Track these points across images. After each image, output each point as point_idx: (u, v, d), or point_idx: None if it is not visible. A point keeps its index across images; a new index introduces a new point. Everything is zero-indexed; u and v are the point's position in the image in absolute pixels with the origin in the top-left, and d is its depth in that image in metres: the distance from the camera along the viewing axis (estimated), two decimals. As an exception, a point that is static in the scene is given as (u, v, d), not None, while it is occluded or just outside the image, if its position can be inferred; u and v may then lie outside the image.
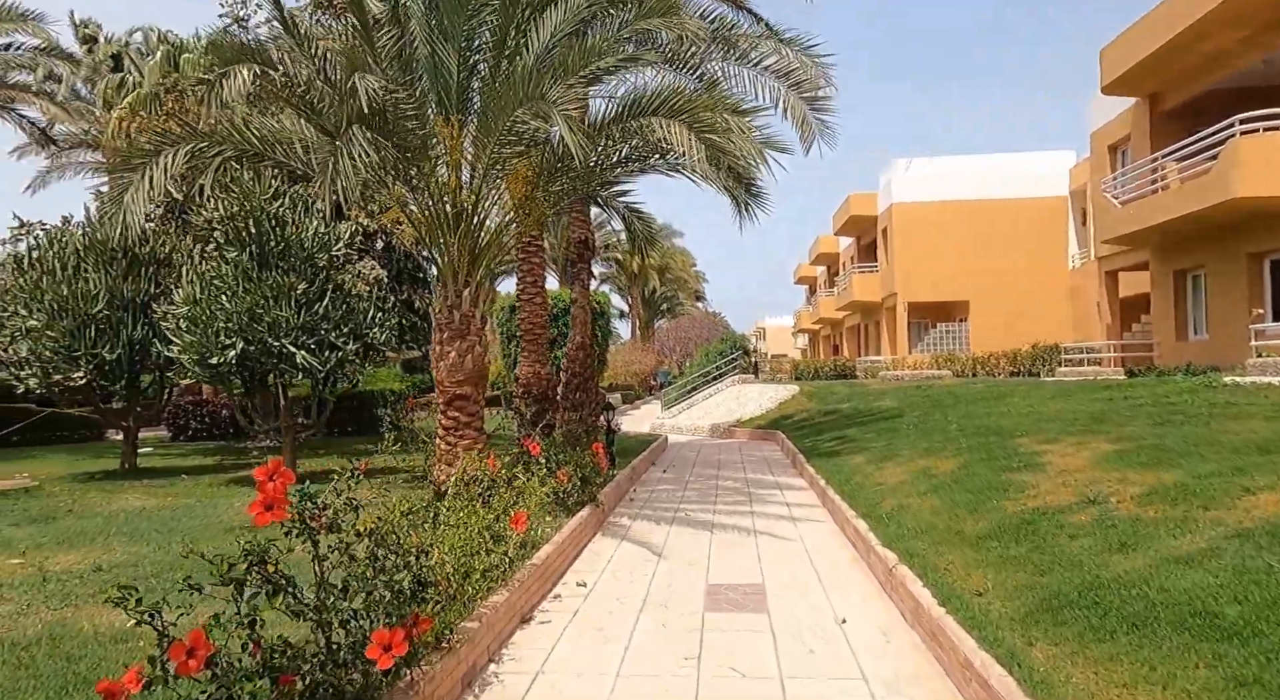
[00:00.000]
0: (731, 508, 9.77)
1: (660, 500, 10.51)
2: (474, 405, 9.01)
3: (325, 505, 3.71)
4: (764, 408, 22.23)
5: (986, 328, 28.56)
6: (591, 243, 14.79)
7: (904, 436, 12.87)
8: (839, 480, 9.92)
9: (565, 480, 8.30)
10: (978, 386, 19.67)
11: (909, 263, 29.55)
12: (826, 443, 14.45)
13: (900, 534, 6.53)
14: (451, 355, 8.83)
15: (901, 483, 8.82)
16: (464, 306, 8.87)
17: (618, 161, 9.32)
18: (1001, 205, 28.88)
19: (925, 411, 16.24)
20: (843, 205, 34.54)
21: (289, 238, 11.35)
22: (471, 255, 8.84)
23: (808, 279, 53.86)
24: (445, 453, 8.98)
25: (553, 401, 12.46)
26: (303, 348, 11.05)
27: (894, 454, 11.00)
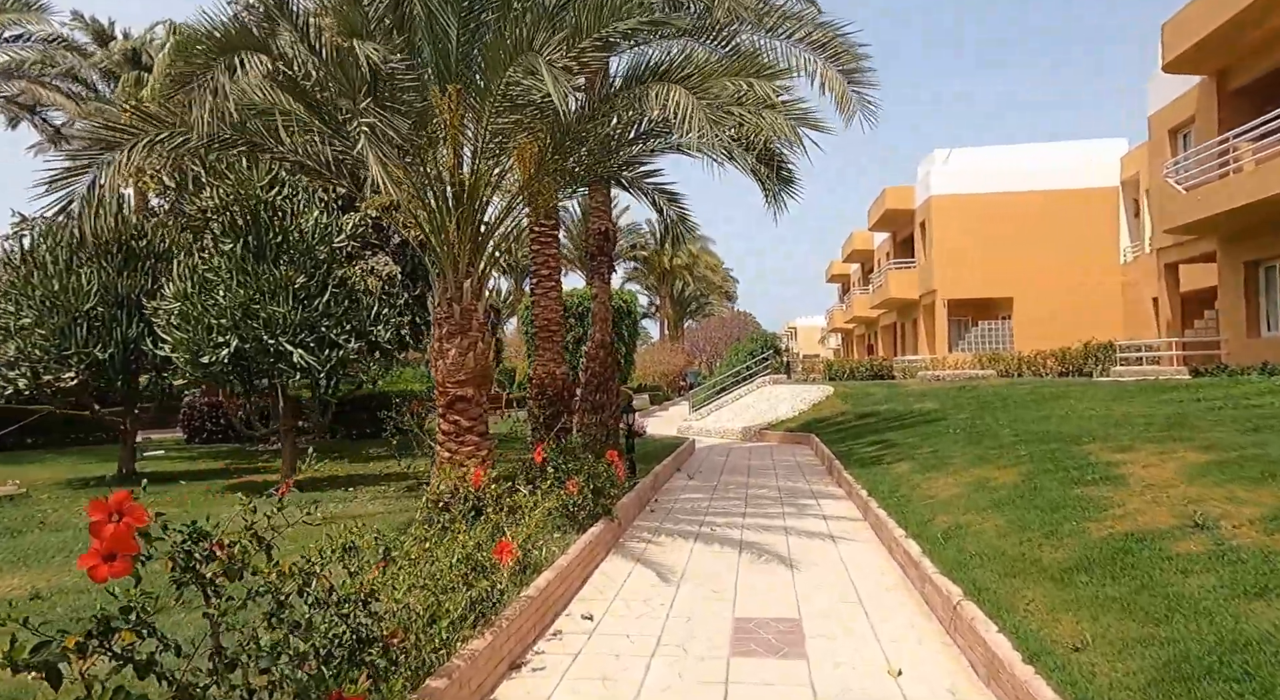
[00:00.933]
0: (762, 521, 8.82)
1: (684, 511, 9.60)
2: (476, 408, 8.18)
3: (228, 542, 2.85)
4: (797, 409, 21.19)
5: (1031, 326, 27.16)
6: (612, 234, 13.93)
7: (951, 442, 11.80)
8: (882, 491, 8.92)
9: (575, 492, 7.43)
10: (1026, 387, 18.45)
11: (948, 258, 28.24)
12: (865, 448, 13.41)
13: (962, 560, 5.55)
14: (451, 353, 8.01)
15: (955, 496, 7.80)
16: (465, 299, 8.04)
17: (635, 137, 8.42)
18: (1047, 197, 27.46)
19: (972, 414, 15.11)
20: (878, 199, 33.29)
21: (287, 229, 10.64)
22: (473, 242, 8.01)
23: (840, 277, 52.47)
24: (446, 461, 8.15)
25: (569, 403, 11.61)
26: (301, 346, 10.33)
27: (943, 462, 9.96)
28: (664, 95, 6.43)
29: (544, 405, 11.38)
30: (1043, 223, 27.35)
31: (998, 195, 27.83)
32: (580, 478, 7.56)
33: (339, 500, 9.99)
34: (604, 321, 13.84)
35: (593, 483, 7.62)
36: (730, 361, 29.08)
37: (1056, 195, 27.38)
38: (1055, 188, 27.44)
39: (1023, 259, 27.46)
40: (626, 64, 8.05)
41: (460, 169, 7.53)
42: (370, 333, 11.20)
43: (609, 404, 13.61)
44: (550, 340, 11.59)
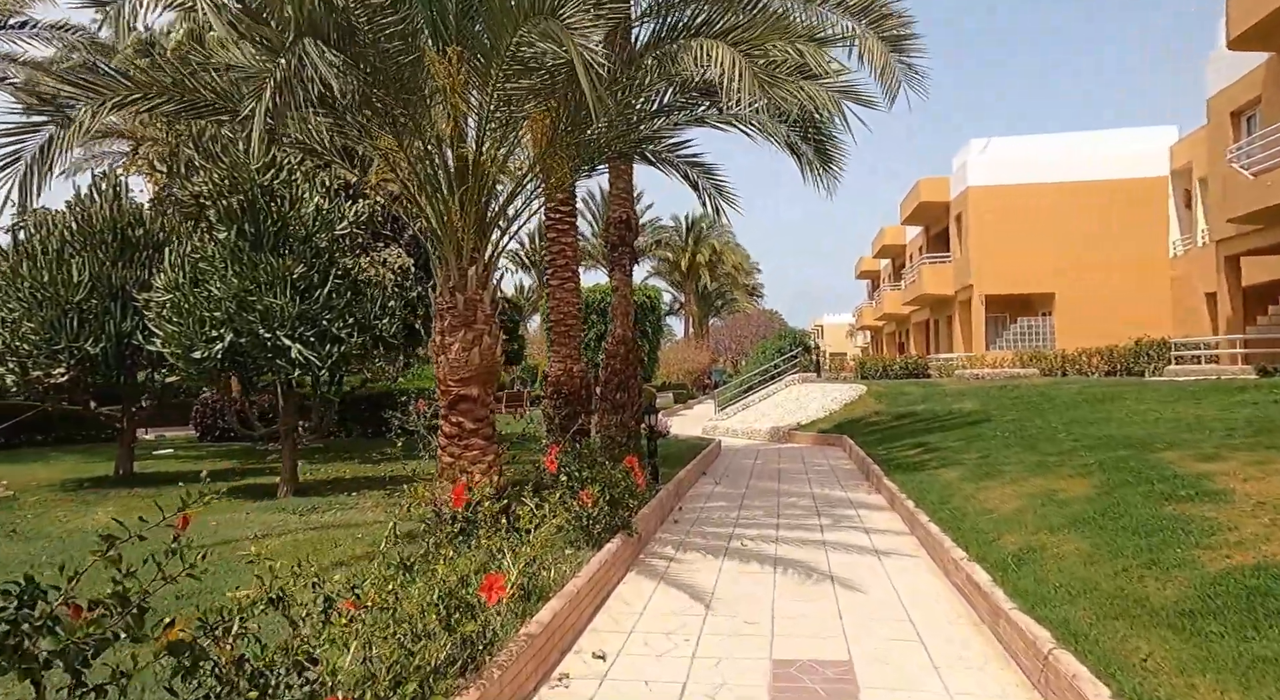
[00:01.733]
0: (798, 534, 7.97)
1: (711, 521, 8.77)
2: (482, 409, 7.41)
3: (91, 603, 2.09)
4: (828, 409, 20.25)
5: (1073, 322, 25.93)
6: (634, 223, 13.11)
7: (1001, 446, 10.84)
8: (932, 502, 8.02)
9: (590, 503, 6.64)
10: (1073, 387, 17.37)
11: (986, 252, 27.07)
12: (905, 452, 12.48)
13: (1044, 594, 4.67)
14: (454, 348, 7.25)
15: (1019, 511, 6.89)
16: (469, 288, 7.27)
17: (658, 109, 7.60)
18: (1091, 188, 26.18)
19: (1018, 416, 14.11)
20: (911, 191, 32.14)
21: (286, 216, 9.96)
22: (479, 225, 7.24)
23: (870, 273, 51.23)
24: (447, 467, 7.40)
25: (586, 403, 10.82)
26: (300, 340, 9.64)
27: (996, 470, 9.03)
28: (705, 53, 5.58)
29: (559, 405, 10.61)
30: (1086, 215, 26.10)
31: (1039, 186, 26.61)
32: (595, 488, 6.76)
33: (339, 506, 9.30)
34: (625, 316, 13.03)
35: (609, 493, 6.82)
36: (757, 359, 28.16)
37: (1101, 186, 26.10)
38: (1100, 178, 26.16)
39: (1065, 253, 26.23)
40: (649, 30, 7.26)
41: (462, 142, 6.75)
42: (375, 326, 10.50)
43: (630, 404, 12.80)
44: (567, 336, 10.80)
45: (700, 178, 10.68)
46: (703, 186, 10.78)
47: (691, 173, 10.58)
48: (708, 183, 10.74)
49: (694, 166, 10.50)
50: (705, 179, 10.69)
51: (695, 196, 11.05)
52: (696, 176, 10.68)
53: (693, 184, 10.72)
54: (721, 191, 10.84)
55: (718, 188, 10.82)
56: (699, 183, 10.74)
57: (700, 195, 10.87)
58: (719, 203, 10.88)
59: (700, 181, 10.73)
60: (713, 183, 10.76)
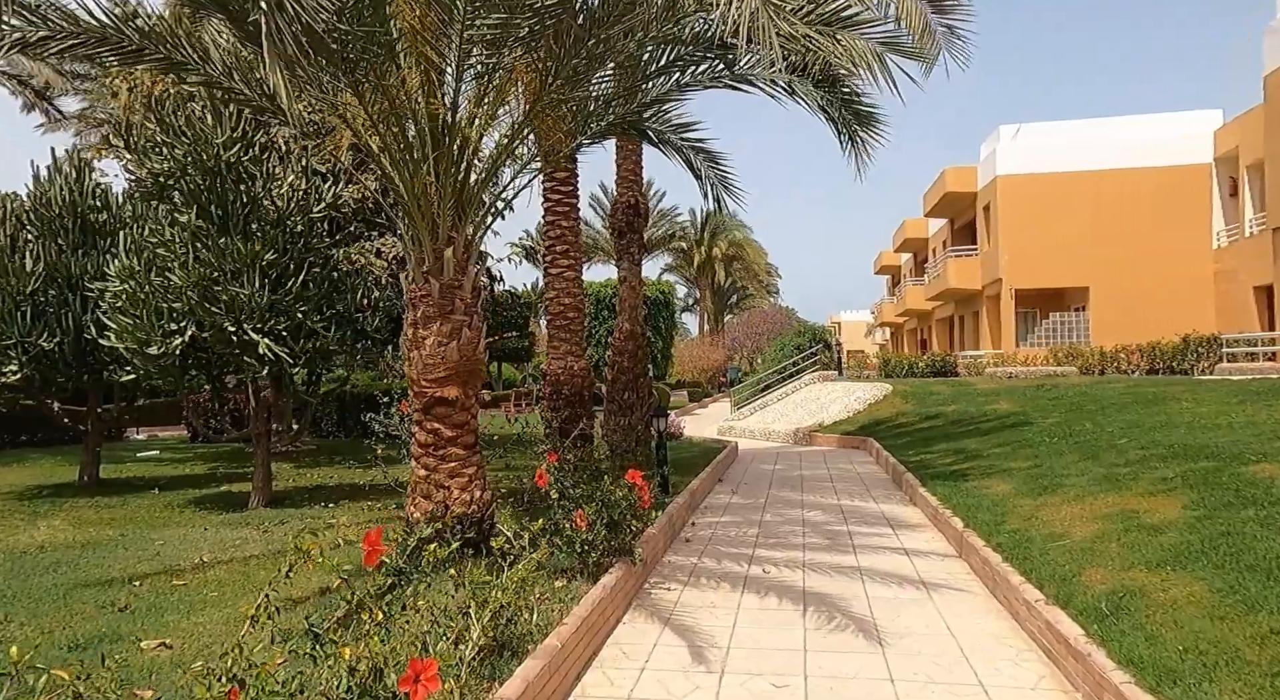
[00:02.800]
0: (827, 558, 6.89)
1: (727, 541, 7.70)
2: (462, 413, 6.39)
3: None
4: (851, 410, 19.10)
5: (1110, 318, 24.59)
6: (643, 208, 12.06)
7: (1053, 454, 9.71)
8: (983, 522, 6.91)
9: (585, 526, 5.61)
10: (1117, 386, 16.15)
11: (1016, 244, 25.77)
12: (941, 458, 11.35)
13: (1166, 663, 3.57)
14: (428, 342, 6.23)
15: (1097, 537, 5.77)
16: (446, 273, 6.25)
17: (665, 65, 6.52)
18: (1128, 176, 24.80)
19: (1063, 418, 12.94)
20: (936, 182, 30.84)
21: (256, 197, 8.99)
22: (457, 198, 6.21)
23: (890, 268, 49.86)
24: (422, 481, 6.38)
25: (588, 405, 9.77)
26: (270, 334, 8.67)
27: (1055, 483, 7.90)
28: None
29: (559, 406, 9.57)
30: (1124, 204, 24.74)
31: (1072, 174, 25.27)
32: (592, 508, 5.72)
33: (312, 521, 8.31)
34: (633, 309, 11.98)
35: (608, 514, 5.78)
36: (775, 357, 27.02)
37: (1139, 174, 24.72)
38: (1138, 165, 24.78)
39: (1101, 245, 24.88)
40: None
41: (434, 97, 5.71)
42: (356, 320, 9.51)
43: (639, 405, 11.75)
44: (567, 330, 9.76)
45: (704, 166, 9.63)
46: (706, 175, 9.74)
47: (696, 160, 9.52)
48: (712, 172, 9.69)
49: (699, 153, 9.45)
50: (710, 167, 9.64)
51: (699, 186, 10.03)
52: (701, 164, 9.63)
53: (696, 172, 9.67)
54: (725, 182, 9.79)
55: (722, 178, 9.77)
56: (703, 171, 9.69)
57: (703, 184, 9.83)
58: (720, 193, 9.83)
59: (704, 170, 9.68)
60: (717, 172, 9.71)
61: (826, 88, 7.62)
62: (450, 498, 6.29)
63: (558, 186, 9.63)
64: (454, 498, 6.30)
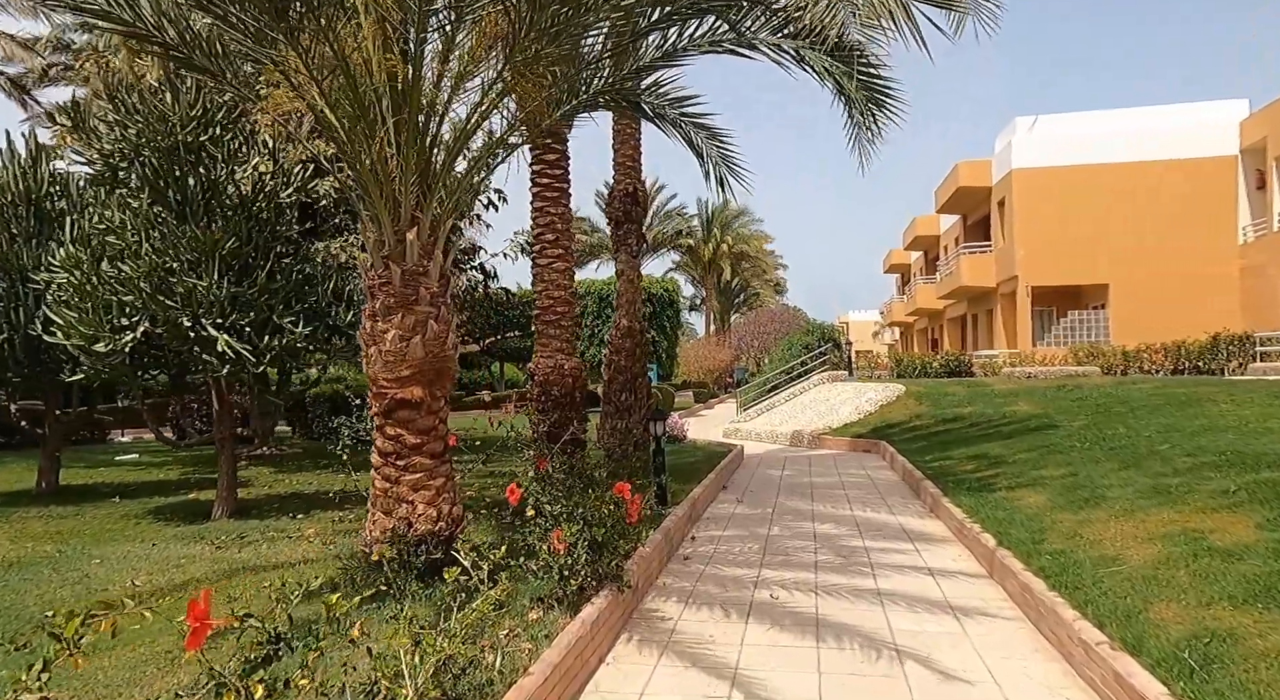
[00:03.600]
0: (843, 580, 6.12)
1: (731, 559, 6.93)
2: (427, 417, 5.64)
3: None
4: (862, 411, 18.29)
5: (1130, 316, 23.70)
6: (642, 197, 11.30)
7: (1088, 461, 8.90)
8: (1019, 540, 6.12)
9: (563, 548, 4.84)
10: (1144, 387, 15.30)
11: (1033, 240, 24.89)
12: (961, 465, 10.54)
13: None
14: (389, 336, 5.48)
15: (1160, 562, 4.97)
16: (410, 258, 5.50)
17: (659, 19, 5.75)
18: (1150, 169, 23.91)
19: (1091, 421, 12.13)
20: (948, 176, 29.96)
21: (217, 181, 8.26)
22: (422, 171, 5.46)
23: (900, 267, 48.97)
24: (381, 495, 5.63)
25: (580, 407, 9.01)
26: (232, 329, 7.94)
27: (1096, 495, 7.10)
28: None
29: (547, 409, 8.80)
30: (1144, 198, 23.85)
31: (1091, 167, 24.39)
32: (573, 527, 4.95)
33: (275, 535, 7.58)
34: (631, 304, 11.23)
35: (591, 533, 5.01)
36: (782, 356, 26.17)
37: (1161, 166, 23.83)
38: (1159, 158, 23.88)
39: (1120, 240, 24.00)
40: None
41: (392, 52, 4.96)
42: (328, 314, 8.77)
43: (637, 406, 11.00)
44: (557, 326, 9.00)
45: (705, 143, 8.84)
46: (708, 154, 8.94)
47: (697, 137, 8.74)
48: (714, 150, 8.89)
49: (700, 129, 8.66)
50: (711, 145, 8.85)
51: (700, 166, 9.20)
52: (702, 142, 8.84)
53: (697, 150, 8.89)
54: (728, 161, 8.98)
55: (724, 157, 8.96)
56: (704, 149, 8.90)
57: (704, 164, 9.03)
58: (724, 173, 9.02)
59: (706, 148, 8.88)
60: (720, 150, 8.91)
61: (841, 56, 6.84)
62: (414, 514, 5.55)
63: (546, 170, 8.88)
64: (418, 514, 5.55)
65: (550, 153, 8.84)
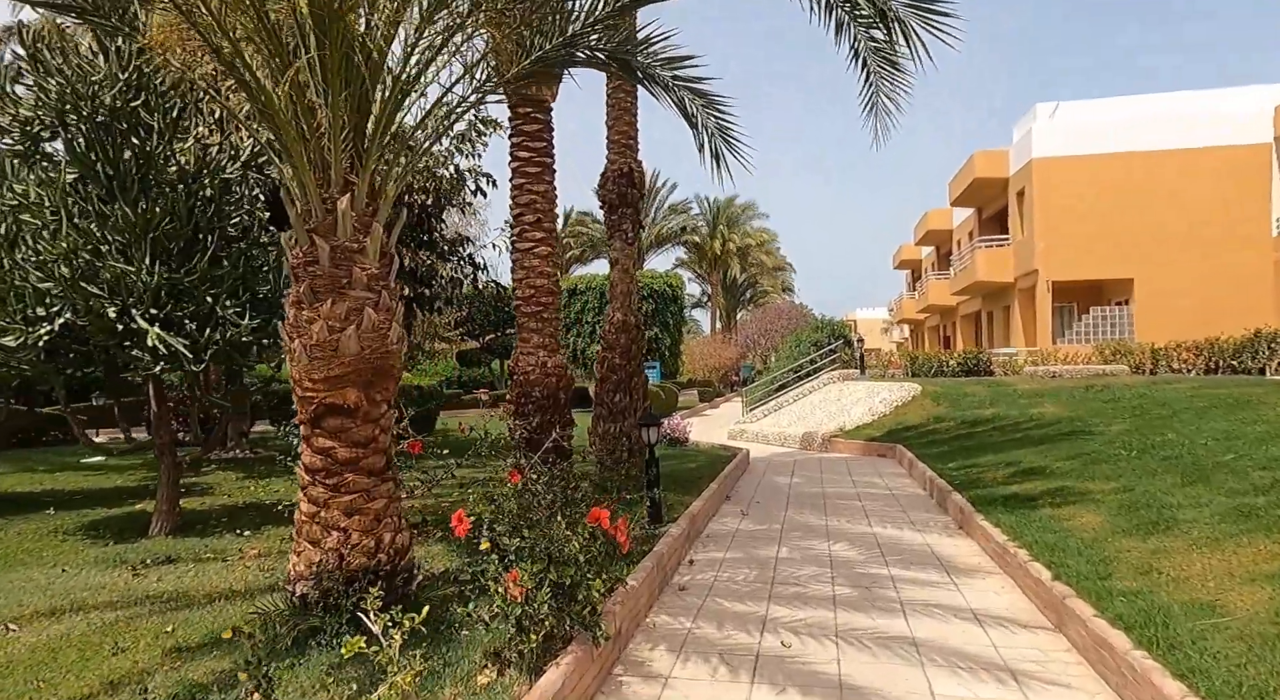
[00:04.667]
0: (867, 622, 5.10)
1: (732, 592, 5.91)
2: (365, 426, 4.63)
3: None
4: (875, 412, 17.24)
5: (1156, 312, 22.58)
6: (639, 178, 10.28)
7: (1140, 472, 7.85)
8: (1081, 575, 5.08)
9: (519, 594, 3.84)
10: (1180, 387, 14.23)
11: (1053, 233, 23.76)
12: (990, 472, 9.49)
13: None
14: (315, 328, 4.48)
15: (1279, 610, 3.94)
16: (341, 231, 4.50)
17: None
18: (1178, 157, 22.77)
19: (1133, 426, 11.07)
20: (964, 167, 28.82)
21: (153, 153, 7.27)
22: (357, 121, 4.46)
23: (910, 263, 47.80)
24: (308, 521, 4.64)
25: (565, 410, 8.00)
26: (167, 321, 6.97)
27: (1165, 515, 6.06)
28: None
29: (528, 412, 7.78)
30: (1172, 188, 22.71)
31: (1115, 156, 23.25)
32: (534, 567, 3.94)
33: (210, 556, 6.61)
34: (627, 297, 10.21)
35: (557, 573, 4.00)
36: (790, 354, 25.12)
37: (1189, 155, 22.67)
38: (1187, 146, 22.73)
39: (1146, 232, 22.87)
40: None
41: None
42: (281, 306, 7.76)
43: (632, 409, 9.99)
44: (539, 318, 7.98)
45: (701, 112, 7.77)
46: (703, 123, 7.87)
47: (691, 104, 7.67)
48: (710, 119, 7.82)
49: (694, 95, 7.60)
50: (707, 113, 7.77)
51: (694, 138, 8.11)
52: (696, 110, 7.77)
53: (690, 119, 7.82)
54: (725, 132, 7.89)
55: (721, 128, 7.88)
56: (699, 117, 7.83)
57: (698, 134, 7.96)
58: (719, 146, 7.95)
59: (701, 116, 7.81)
60: (715, 119, 7.83)
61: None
62: (347, 544, 4.55)
63: (526, 142, 7.86)
64: (353, 543, 4.55)
65: (531, 122, 7.83)
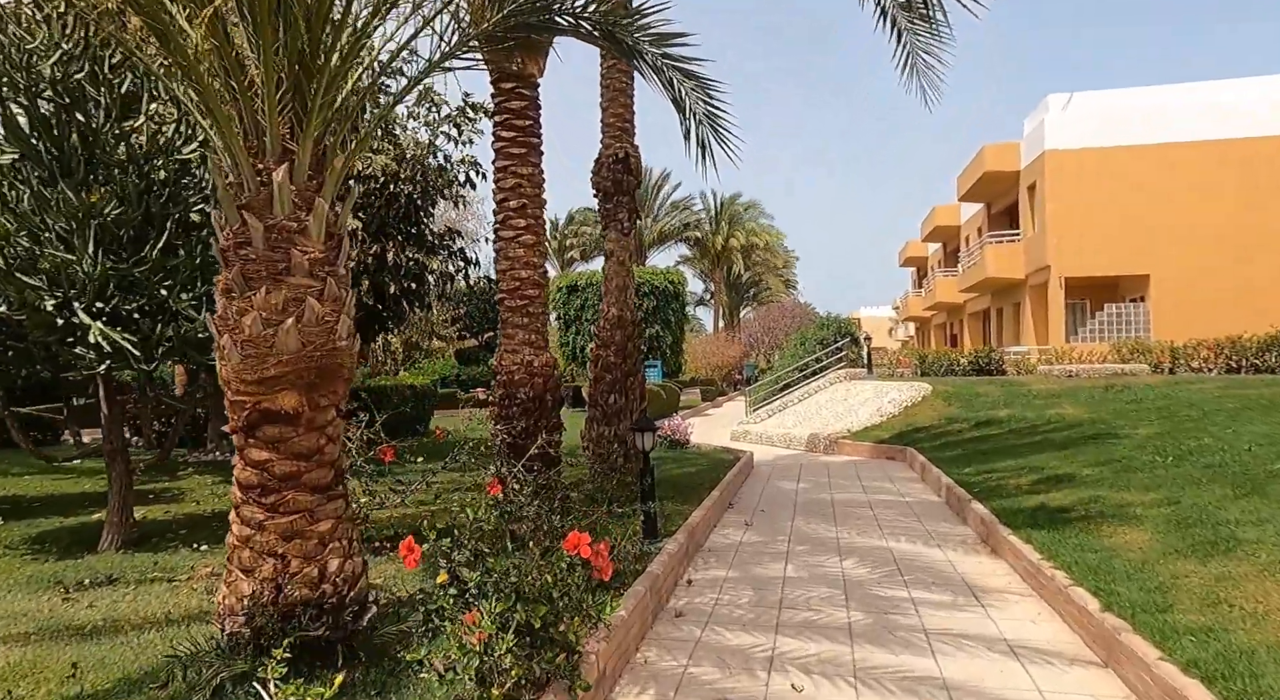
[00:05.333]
0: (889, 658, 4.45)
1: (735, 618, 5.26)
2: (309, 436, 3.98)
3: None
4: (884, 413, 16.57)
5: (1174, 309, 21.88)
6: (635, 163, 9.62)
7: (1184, 481, 7.18)
8: (1136, 606, 4.43)
9: (478, 641, 3.19)
10: (1207, 387, 13.56)
11: (1067, 227, 23.05)
12: (1011, 479, 8.83)
13: None
14: (248, 321, 3.83)
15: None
16: (279, 207, 3.86)
17: None
18: (1197, 150, 22.06)
19: (1163, 429, 10.42)
20: (974, 161, 28.10)
21: (100, 130, 6.64)
22: (296, 74, 3.81)
23: (916, 260, 47.08)
24: (240, 545, 3.99)
25: (551, 413, 7.34)
26: (109, 315, 6.33)
27: (1223, 533, 5.41)
28: None
29: (512, 415, 7.12)
30: (1191, 182, 22.01)
31: (1132, 149, 22.54)
32: (496, 605, 3.29)
33: (159, 575, 5.98)
34: (622, 291, 9.57)
35: (525, 612, 3.35)
36: (794, 353, 24.45)
37: (1209, 147, 21.97)
38: (1208, 138, 22.01)
39: (1164, 227, 22.16)
40: None
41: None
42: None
43: (629, 411, 9.35)
44: (525, 313, 7.31)
45: (690, 96, 7.09)
46: (691, 108, 7.20)
47: (680, 86, 7.00)
48: (700, 103, 7.14)
49: (685, 76, 6.92)
50: (697, 96, 7.09)
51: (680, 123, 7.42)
52: (686, 93, 7.10)
53: (679, 103, 7.14)
54: (714, 120, 7.21)
55: (710, 116, 7.20)
56: (687, 102, 7.16)
57: (685, 119, 7.28)
58: (706, 134, 7.28)
59: (689, 101, 7.13)
60: (705, 105, 7.15)
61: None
62: (285, 572, 3.90)
63: (511, 120, 7.20)
64: (291, 573, 3.90)
65: (515, 99, 7.17)
